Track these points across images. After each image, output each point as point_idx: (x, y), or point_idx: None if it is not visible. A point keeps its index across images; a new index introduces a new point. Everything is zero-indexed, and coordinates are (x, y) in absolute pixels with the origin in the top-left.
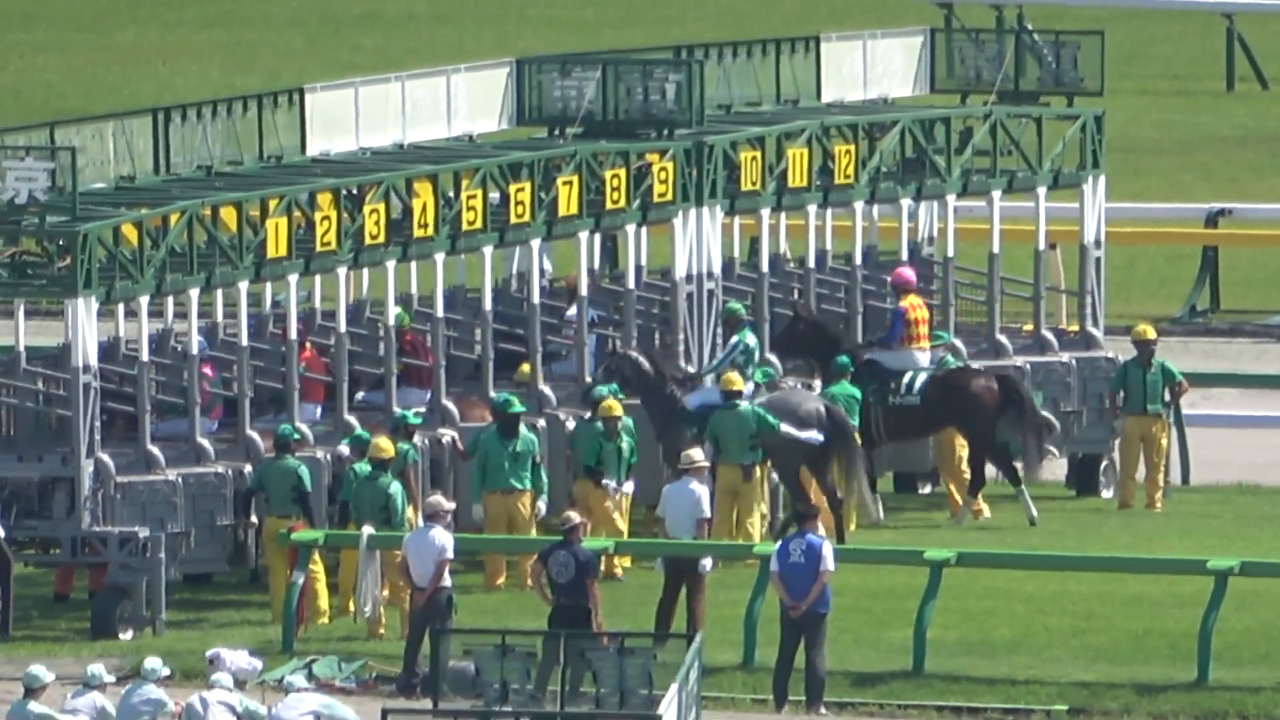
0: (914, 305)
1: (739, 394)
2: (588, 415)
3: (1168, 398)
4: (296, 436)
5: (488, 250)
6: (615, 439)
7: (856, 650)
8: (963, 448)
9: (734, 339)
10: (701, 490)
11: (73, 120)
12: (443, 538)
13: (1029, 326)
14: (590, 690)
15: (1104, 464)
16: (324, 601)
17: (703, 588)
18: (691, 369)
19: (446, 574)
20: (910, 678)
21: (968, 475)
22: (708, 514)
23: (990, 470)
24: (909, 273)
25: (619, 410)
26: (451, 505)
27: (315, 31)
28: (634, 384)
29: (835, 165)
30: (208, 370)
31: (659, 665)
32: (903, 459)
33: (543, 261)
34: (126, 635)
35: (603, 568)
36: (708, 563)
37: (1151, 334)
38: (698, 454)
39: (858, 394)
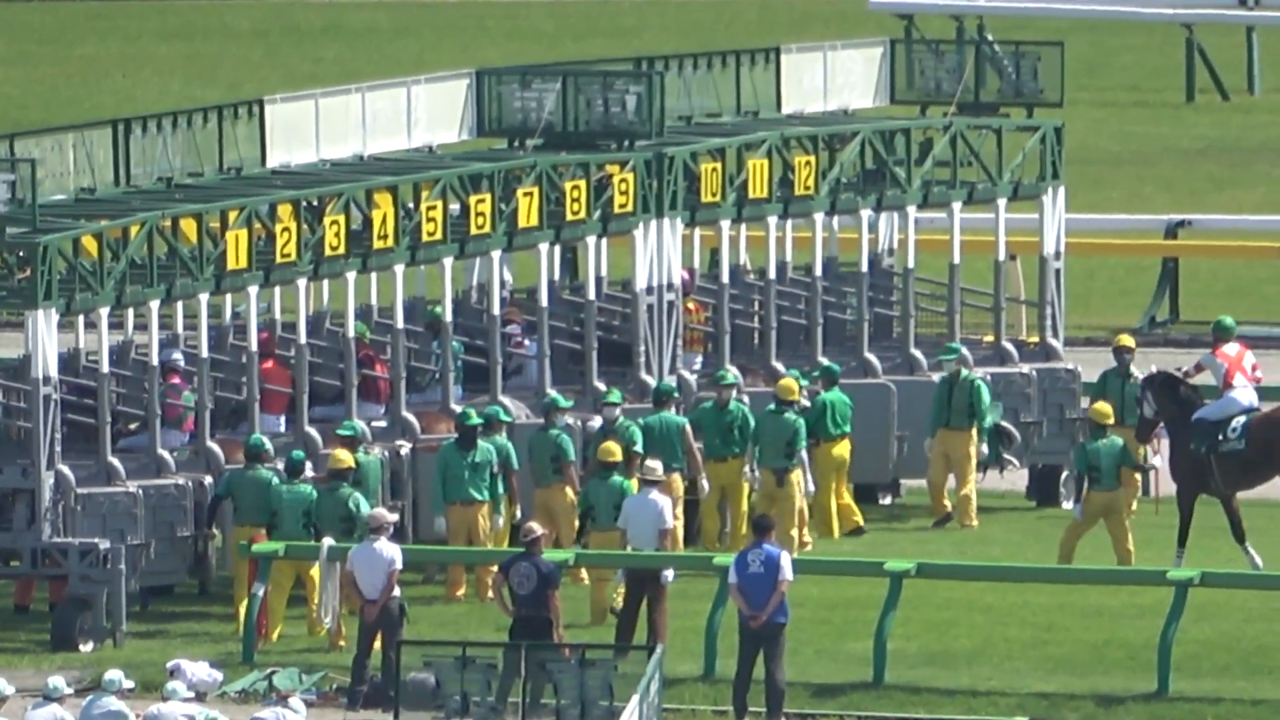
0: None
1: (794, 402)
2: (543, 424)
3: None
4: (268, 448)
5: (448, 261)
6: None
7: (817, 661)
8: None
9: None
10: (664, 501)
11: (32, 132)
12: (390, 550)
13: (989, 337)
14: (551, 702)
15: (1064, 475)
16: (278, 614)
17: (664, 599)
18: (650, 380)
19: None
20: (871, 689)
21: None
22: (670, 525)
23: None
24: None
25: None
26: (394, 517)
27: (276, 43)
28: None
29: (795, 176)
30: (176, 380)
31: (620, 677)
32: (863, 470)
33: (503, 273)
34: (87, 647)
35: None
36: (669, 574)
37: (1128, 342)
38: (657, 465)
39: (848, 400)
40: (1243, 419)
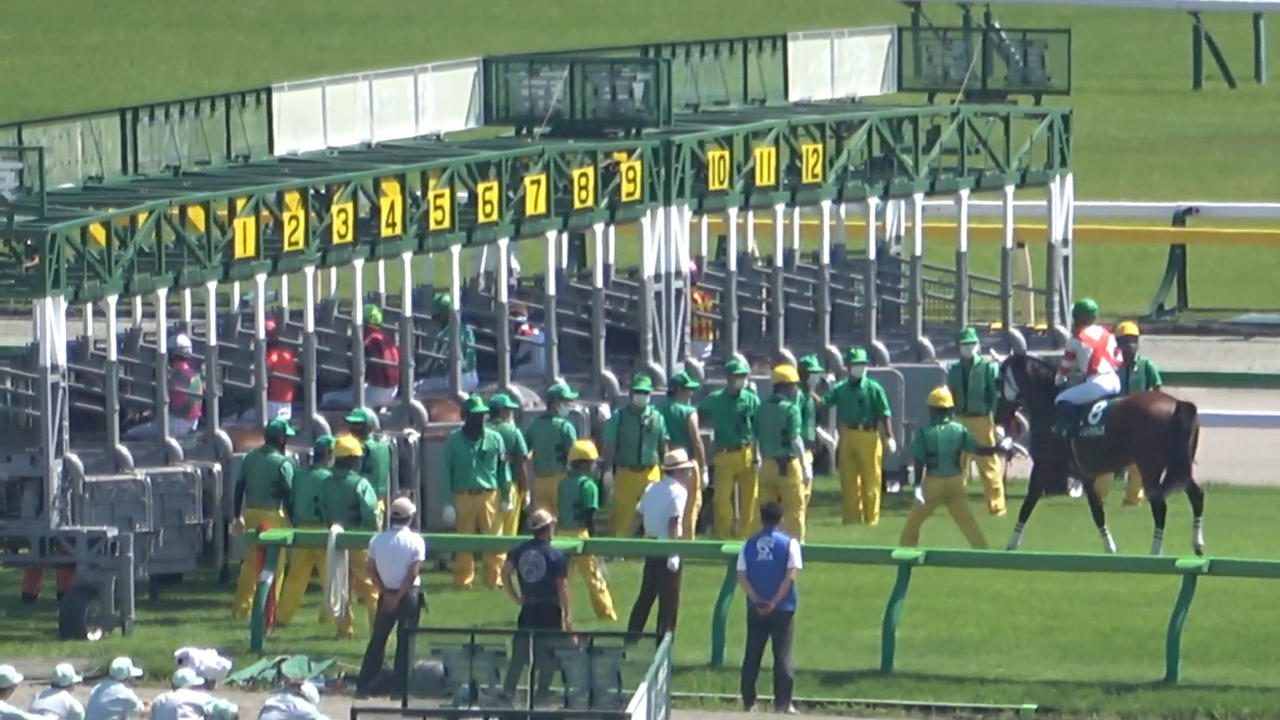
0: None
1: (790, 387)
2: (545, 411)
3: None
4: (290, 432)
5: (455, 249)
6: None
7: (825, 649)
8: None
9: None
10: (679, 491)
11: (40, 120)
12: (413, 540)
13: (997, 325)
14: (559, 689)
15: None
16: (295, 600)
17: (676, 587)
18: (658, 368)
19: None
20: (879, 676)
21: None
22: (678, 513)
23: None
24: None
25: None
26: (413, 508)
27: (282, 31)
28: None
29: (803, 164)
30: (184, 368)
31: (628, 664)
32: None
33: (510, 260)
34: (95, 635)
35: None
36: (674, 561)
37: (1131, 330)
38: (681, 455)
39: (878, 386)
40: (1104, 404)
